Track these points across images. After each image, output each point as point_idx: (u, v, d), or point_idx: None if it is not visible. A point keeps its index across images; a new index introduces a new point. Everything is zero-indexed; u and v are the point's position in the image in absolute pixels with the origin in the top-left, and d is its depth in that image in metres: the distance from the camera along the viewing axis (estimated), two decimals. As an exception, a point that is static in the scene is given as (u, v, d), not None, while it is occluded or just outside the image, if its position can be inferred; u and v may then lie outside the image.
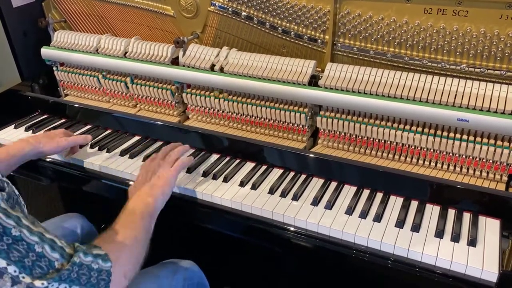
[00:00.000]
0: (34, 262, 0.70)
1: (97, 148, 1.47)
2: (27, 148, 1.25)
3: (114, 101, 1.72)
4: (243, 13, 1.47)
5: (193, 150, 1.44)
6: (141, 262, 0.96)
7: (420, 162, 1.27)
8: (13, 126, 1.65)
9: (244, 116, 1.47)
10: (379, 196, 1.20)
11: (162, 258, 1.29)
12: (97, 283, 0.78)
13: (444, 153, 1.23)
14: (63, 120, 1.68)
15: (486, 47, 1.19)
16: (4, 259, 0.68)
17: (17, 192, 0.82)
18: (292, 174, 1.31)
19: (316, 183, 1.27)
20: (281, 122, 1.42)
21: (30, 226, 0.73)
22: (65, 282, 0.73)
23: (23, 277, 0.69)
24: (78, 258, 0.77)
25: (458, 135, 1.20)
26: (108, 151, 1.46)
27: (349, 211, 1.14)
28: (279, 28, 1.44)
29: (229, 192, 1.24)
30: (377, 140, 1.30)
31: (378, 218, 1.11)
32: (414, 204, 1.16)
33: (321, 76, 1.33)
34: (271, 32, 1.46)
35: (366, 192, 1.22)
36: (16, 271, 0.68)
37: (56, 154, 1.43)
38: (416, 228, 1.08)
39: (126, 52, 1.61)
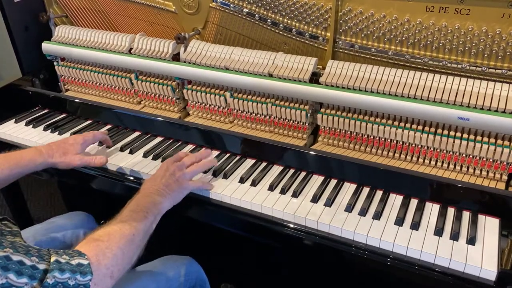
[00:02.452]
0: None
1: (97, 143, 1.47)
2: (39, 160, 1.23)
3: (118, 97, 1.72)
4: (245, 10, 1.47)
5: (193, 147, 1.44)
6: (133, 262, 0.93)
7: (420, 160, 1.27)
8: (13, 120, 1.65)
9: (245, 113, 1.47)
10: (378, 194, 1.20)
11: (161, 254, 1.29)
12: None
13: (444, 151, 1.23)
14: (63, 115, 1.68)
15: (487, 45, 1.18)
16: None
17: None
18: (292, 171, 1.31)
19: (316, 180, 1.27)
20: (282, 119, 1.42)
21: None
22: None
23: None
24: (51, 278, 0.72)
25: (458, 134, 1.20)
26: (108, 147, 1.46)
27: (349, 208, 1.14)
28: (281, 25, 1.43)
29: (229, 189, 1.24)
30: (377, 138, 1.30)
31: (377, 215, 1.11)
32: (413, 202, 1.16)
33: (322, 74, 1.33)
34: (273, 29, 1.45)
35: (365, 190, 1.22)
36: None
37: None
38: (415, 226, 1.08)
39: (131, 49, 1.60)
